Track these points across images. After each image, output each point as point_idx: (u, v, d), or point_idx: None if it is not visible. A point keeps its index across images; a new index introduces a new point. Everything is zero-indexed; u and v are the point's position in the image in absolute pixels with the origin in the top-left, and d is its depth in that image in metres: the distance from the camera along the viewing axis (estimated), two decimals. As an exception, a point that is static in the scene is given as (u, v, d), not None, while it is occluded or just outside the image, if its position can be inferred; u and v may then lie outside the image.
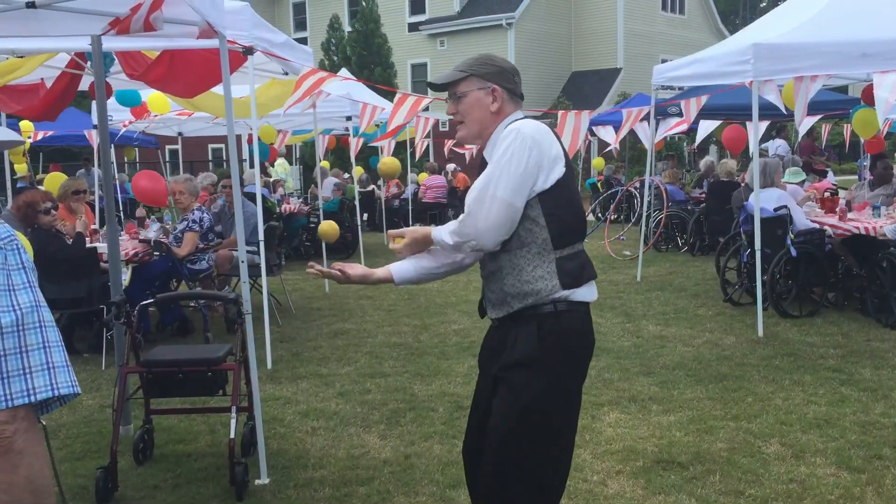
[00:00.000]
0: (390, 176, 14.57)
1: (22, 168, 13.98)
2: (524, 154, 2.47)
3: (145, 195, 8.48)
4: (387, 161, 13.31)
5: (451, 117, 2.72)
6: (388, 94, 16.64)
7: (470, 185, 2.94)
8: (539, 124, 2.56)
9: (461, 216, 2.59)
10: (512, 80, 2.67)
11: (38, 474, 1.46)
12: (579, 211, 2.64)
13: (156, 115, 10.09)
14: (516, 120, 2.62)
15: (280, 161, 16.44)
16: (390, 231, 2.83)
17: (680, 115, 10.42)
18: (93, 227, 8.04)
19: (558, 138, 2.61)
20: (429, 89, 3.42)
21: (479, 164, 2.76)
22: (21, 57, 5.68)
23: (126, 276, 6.65)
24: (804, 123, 11.91)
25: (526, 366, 2.56)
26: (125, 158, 20.98)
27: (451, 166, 18.84)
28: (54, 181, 12.41)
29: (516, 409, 2.56)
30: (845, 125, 14.08)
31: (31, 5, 3.85)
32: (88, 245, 6.92)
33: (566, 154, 2.60)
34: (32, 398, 1.45)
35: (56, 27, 4.40)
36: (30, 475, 1.45)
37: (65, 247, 6.62)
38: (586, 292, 2.64)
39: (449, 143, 17.31)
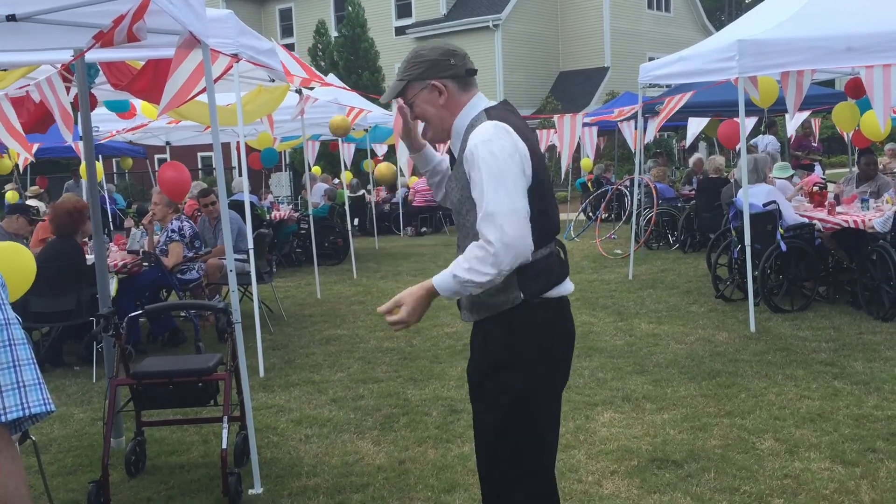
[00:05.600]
0: (386, 183, 14.31)
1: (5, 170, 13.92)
2: (508, 162, 2.35)
3: (171, 185, 8.44)
4: (382, 168, 13.21)
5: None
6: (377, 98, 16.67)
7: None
8: (503, 127, 2.41)
9: (479, 249, 2.32)
10: (448, 65, 2.53)
11: (14, 493, 1.45)
12: (549, 213, 2.50)
13: (146, 122, 10.04)
14: (480, 114, 2.49)
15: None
16: (382, 309, 2.46)
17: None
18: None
19: (520, 134, 2.44)
20: None
21: (448, 158, 2.71)
22: (4, 70, 5.65)
23: (112, 287, 6.61)
24: (796, 118, 11.95)
25: (500, 367, 2.50)
26: (120, 168, 20.92)
27: None
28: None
29: (497, 412, 2.52)
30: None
31: (11, 18, 3.82)
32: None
33: (532, 149, 2.46)
34: (3, 418, 1.44)
35: (39, 41, 4.37)
36: (4, 495, 1.43)
37: (69, 255, 6.59)
38: (558, 290, 2.52)
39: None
